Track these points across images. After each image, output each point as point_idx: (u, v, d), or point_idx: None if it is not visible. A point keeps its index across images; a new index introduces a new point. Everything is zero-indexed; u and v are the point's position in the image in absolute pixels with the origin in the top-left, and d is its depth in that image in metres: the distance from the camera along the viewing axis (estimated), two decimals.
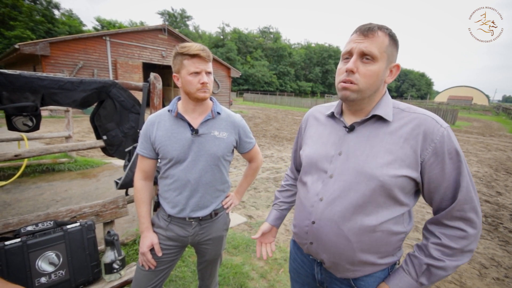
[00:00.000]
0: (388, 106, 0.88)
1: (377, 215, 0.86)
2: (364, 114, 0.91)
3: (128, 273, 1.76)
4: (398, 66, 0.87)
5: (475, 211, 0.80)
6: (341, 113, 0.98)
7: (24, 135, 3.95)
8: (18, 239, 1.46)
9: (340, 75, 0.87)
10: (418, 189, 0.88)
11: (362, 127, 0.90)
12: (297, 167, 1.28)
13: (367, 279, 0.92)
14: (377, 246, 0.88)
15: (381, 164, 0.83)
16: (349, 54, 0.85)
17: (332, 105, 1.03)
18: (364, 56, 0.82)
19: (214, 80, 18.21)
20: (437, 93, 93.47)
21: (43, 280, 1.49)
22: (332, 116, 1.00)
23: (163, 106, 1.54)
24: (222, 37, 54.32)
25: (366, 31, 0.82)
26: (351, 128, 0.92)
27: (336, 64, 51.14)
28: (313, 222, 0.94)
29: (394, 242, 0.89)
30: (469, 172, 0.81)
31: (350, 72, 0.83)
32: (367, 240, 0.87)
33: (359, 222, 0.86)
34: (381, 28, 0.82)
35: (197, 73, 1.19)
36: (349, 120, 0.95)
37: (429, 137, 0.80)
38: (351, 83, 0.84)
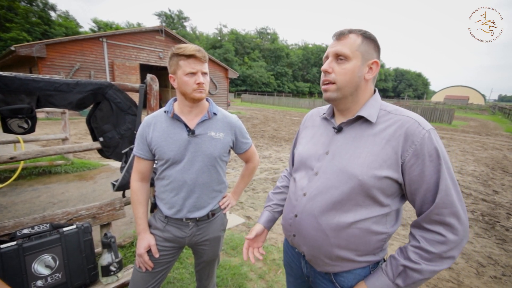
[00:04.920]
0: (373, 107, 0.92)
1: (355, 213, 0.88)
2: (351, 114, 0.95)
3: (126, 275, 1.75)
4: (376, 62, 0.91)
5: (456, 217, 0.79)
6: (333, 115, 1.03)
7: (20, 137, 3.92)
8: (14, 242, 1.45)
9: (321, 77, 0.95)
10: (404, 193, 0.90)
11: (349, 128, 0.94)
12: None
13: (347, 275, 0.94)
14: (354, 243, 0.90)
15: (362, 164, 0.86)
16: (327, 58, 0.94)
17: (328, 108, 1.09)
18: (338, 57, 0.89)
19: (212, 81, 18.23)
20: (434, 92, 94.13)
21: (39, 283, 1.48)
22: (325, 118, 1.05)
23: (160, 107, 1.54)
24: (219, 38, 54.38)
25: (339, 35, 0.91)
26: (339, 129, 0.96)
27: None
28: (296, 216, 1.00)
29: (374, 241, 0.90)
30: (452, 176, 0.81)
31: (326, 72, 0.92)
32: (344, 236, 0.89)
33: (336, 218, 0.90)
34: (352, 31, 0.90)
35: (193, 73, 1.20)
36: (338, 121, 0.99)
37: (410, 138, 0.82)
38: (330, 83, 0.91)
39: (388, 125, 0.87)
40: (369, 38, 0.89)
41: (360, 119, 0.92)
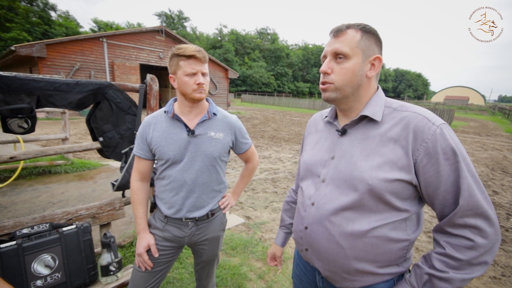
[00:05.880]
0: (377, 105, 0.86)
1: (369, 220, 0.81)
2: (355, 114, 0.89)
3: (125, 275, 1.75)
4: (379, 58, 0.85)
5: (484, 218, 0.71)
6: (336, 117, 0.98)
7: (20, 137, 3.92)
8: (14, 242, 1.45)
9: (320, 79, 0.90)
10: (421, 195, 0.83)
11: (354, 130, 0.89)
12: None
13: None
14: (373, 253, 0.82)
15: (370, 167, 0.80)
16: (325, 57, 0.88)
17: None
18: (337, 56, 0.84)
19: (212, 81, 18.23)
20: (434, 93, 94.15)
21: (39, 283, 1.48)
22: (328, 121, 1.00)
23: (160, 107, 1.55)
24: (219, 38, 54.43)
25: (336, 32, 0.85)
26: (343, 132, 0.90)
27: None
28: (306, 227, 0.93)
29: (395, 250, 0.82)
30: (473, 173, 0.73)
31: (325, 74, 0.86)
32: (361, 246, 0.82)
33: (350, 227, 0.83)
34: (350, 26, 0.84)
35: (193, 74, 1.20)
36: (342, 123, 0.94)
37: (419, 136, 0.75)
38: (328, 83, 0.86)
39: (395, 123, 0.80)
40: (369, 33, 0.83)
41: (364, 118, 0.86)
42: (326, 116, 1.01)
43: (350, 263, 0.84)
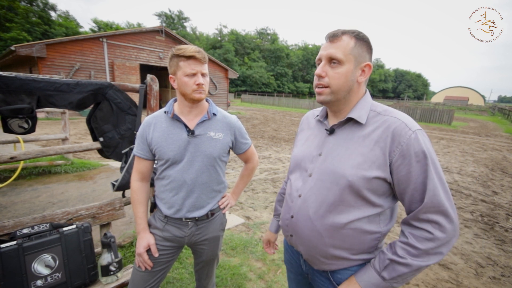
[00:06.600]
0: (363, 108, 0.93)
1: (348, 214, 0.90)
2: (343, 116, 0.97)
3: (125, 275, 1.76)
4: (369, 65, 0.92)
5: (444, 215, 0.81)
6: (326, 116, 1.05)
7: (20, 137, 3.92)
8: (14, 242, 1.46)
9: (315, 81, 0.96)
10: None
11: (341, 130, 0.97)
12: None
13: (343, 273, 0.97)
14: (349, 243, 0.93)
15: (351, 165, 0.88)
16: (320, 60, 0.94)
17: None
18: (332, 60, 0.89)
19: (212, 81, 18.23)
20: (434, 93, 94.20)
21: (39, 283, 1.48)
22: (319, 120, 1.07)
23: (160, 107, 1.55)
24: (219, 38, 54.47)
25: (332, 37, 0.90)
26: (331, 131, 0.98)
27: None
28: (292, 216, 1.03)
29: (368, 240, 0.93)
30: (440, 176, 0.82)
31: (320, 76, 0.92)
32: (339, 236, 0.92)
33: (330, 219, 0.92)
34: (345, 32, 0.89)
35: (193, 74, 1.21)
36: (331, 122, 1.01)
37: (396, 139, 0.84)
38: (324, 87, 0.92)
39: (377, 126, 0.89)
40: (362, 40, 0.90)
41: (351, 120, 0.94)
42: (318, 115, 1.08)
43: (328, 249, 0.95)
